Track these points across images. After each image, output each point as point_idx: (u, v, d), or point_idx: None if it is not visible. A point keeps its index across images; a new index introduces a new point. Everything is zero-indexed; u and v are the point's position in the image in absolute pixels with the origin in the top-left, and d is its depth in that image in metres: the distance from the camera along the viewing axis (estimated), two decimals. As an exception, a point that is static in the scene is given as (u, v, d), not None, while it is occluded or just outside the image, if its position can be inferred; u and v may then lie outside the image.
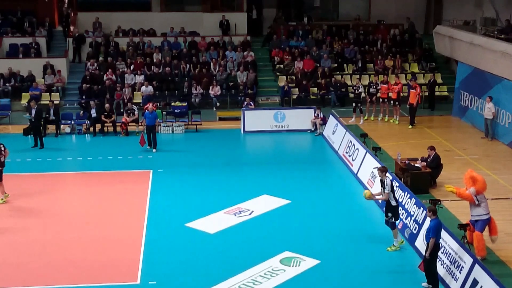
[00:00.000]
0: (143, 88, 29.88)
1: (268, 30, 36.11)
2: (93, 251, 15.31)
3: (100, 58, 32.17)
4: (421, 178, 19.14)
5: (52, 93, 30.11)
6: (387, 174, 15.50)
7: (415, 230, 15.58)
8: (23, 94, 30.19)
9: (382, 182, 15.34)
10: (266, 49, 35.09)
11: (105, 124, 26.47)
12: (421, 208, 15.60)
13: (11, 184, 19.41)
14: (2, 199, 18.49)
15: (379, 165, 17.46)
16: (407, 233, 15.89)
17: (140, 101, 29.33)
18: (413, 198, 16.38)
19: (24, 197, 18.93)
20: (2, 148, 18.50)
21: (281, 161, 22.94)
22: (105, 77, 30.60)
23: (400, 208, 16.16)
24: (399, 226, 16.11)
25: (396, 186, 16.91)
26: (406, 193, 16.84)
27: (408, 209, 16.35)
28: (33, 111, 24.41)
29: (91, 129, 26.52)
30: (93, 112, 26.56)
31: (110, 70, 31.08)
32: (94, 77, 30.73)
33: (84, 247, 15.53)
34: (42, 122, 25.17)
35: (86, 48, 33.07)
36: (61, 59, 32.19)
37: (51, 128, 26.30)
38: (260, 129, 26.83)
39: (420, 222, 15.41)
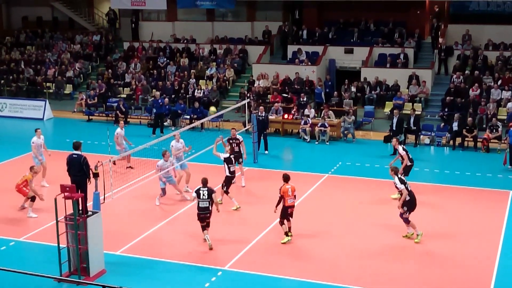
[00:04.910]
0: (510, 104, 28.40)
1: None
2: (442, 266, 14.98)
3: (467, 71, 31.47)
4: None
5: (414, 103, 30.35)
6: None
7: None
8: (386, 102, 30.99)
9: None
10: None
11: (466, 139, 25.79)
12: None
13: (364, 186, 20.14)
14: (237, 206, 18.77)
15: None
16: None
17: (505, 117, 27.92)
18: None
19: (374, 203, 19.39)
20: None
21: None
22: (470, 91, 29.85)
23: None
24: None
25: None
26: None
27: None
28: (395, 120, 24.79)
29: (451, 142, 26.06)
30: (455, 125, 26.06)
31: (476, 84, 30.19)
32: (459, 90, 30.16)
33: (434, 261, 15.27)
34: (402, 131, 25.44)
35: (453, 61, 32.63)
36: (427, 70, 32.29)
37: (411, 137, 26.50)
38: None
39: None
